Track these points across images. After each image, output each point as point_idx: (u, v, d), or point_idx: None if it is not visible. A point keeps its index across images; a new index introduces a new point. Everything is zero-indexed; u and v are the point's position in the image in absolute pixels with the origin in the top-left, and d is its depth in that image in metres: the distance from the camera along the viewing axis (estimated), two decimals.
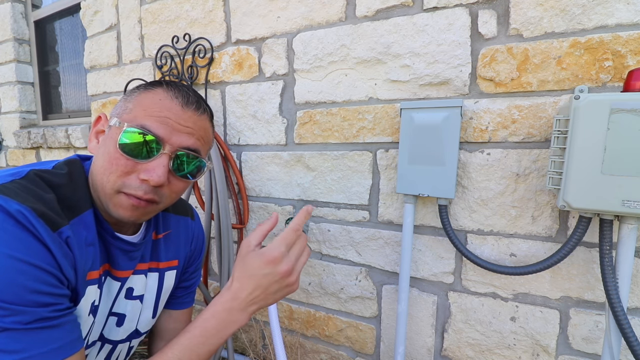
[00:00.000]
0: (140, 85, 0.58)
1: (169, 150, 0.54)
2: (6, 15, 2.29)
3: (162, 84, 0.57)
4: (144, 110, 0.53)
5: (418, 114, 0.90)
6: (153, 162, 0.53)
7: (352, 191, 1.10)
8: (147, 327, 0.72)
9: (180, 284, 0.78)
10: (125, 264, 0.63)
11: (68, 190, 0.53)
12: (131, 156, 0.52)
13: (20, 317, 0.43)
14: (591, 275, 0.84)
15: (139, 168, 0.53)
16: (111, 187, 0.53)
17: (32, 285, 0.44)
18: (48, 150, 2.20)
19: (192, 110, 0.56)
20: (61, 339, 0.47)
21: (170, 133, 0.53)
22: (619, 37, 0.76)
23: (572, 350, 0.88)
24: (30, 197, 0.47)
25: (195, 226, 0.80)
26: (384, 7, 0.98)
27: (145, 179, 0.52)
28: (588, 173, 0.70)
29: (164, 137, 0.53)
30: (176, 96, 0.55)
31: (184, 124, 0.55)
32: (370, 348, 1.15)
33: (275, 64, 1.17)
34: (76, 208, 0.53)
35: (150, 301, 0.70)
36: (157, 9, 1.40)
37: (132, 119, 0.53)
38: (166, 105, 0.54)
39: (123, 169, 0.52)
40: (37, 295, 0.44)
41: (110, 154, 0.53)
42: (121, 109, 0.56)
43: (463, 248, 0.92)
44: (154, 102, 0.54)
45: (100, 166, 0.54)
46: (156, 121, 0.53)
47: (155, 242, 0.70)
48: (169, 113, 0.54)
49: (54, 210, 0.48)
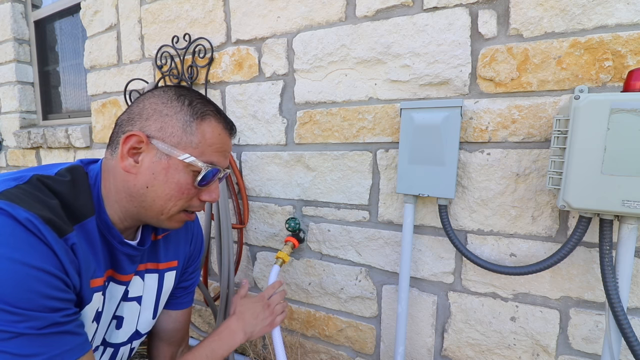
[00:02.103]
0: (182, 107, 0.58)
1: (222, 174, 0.63)
2: (6, 15, 2.29)
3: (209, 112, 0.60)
4: (210, 146, 0.59)
5: (418, 114, 0.90)
6: (212, 186, 0.62)
7: (352, 191, 1.10)
8: (147, 328, 0.72)
9: (180, 284, 0.78)
10: (128, 268, 0.64)
11: (71, 197, 0.54)
12: (200, 185, 0.59)
13: (34, 322, 0.44)
14: (591, 275, 0.84)
15: (201, 191, 0.61)
16: (177, 211, 0.60)
17: (45, 291, 0.45)
18: (48, 150, 2.20)
19: (233, 136, 0.66)
20: (71, 341, 0.49)
21: (225, 160, 0.63)
22: (619, 37, 0.76)
23: (572, 350, 0.88)
24: (36, 204, 0.47)
25: (195, 226, 0.80)
26: (384, 7, 0.98)
27: (209, 200, 0.62)
28: (588, 173, 0.70)
29: (223, 165, 0.62)
30: (226, 128, 0.62)
31: (229, 150, 0.65)
32: (370, 348, 1.15)
33: (275, 64, 1.17)
34: (79, 215, 0.54)
35: (150, 302, 0.71)
36: (157, 9, 1.40)
37: (200, 154, 0.58)
38: (224, 139, 0.62)
39: (192, 195, 0.60)
40: (49, 301, 0.45)
41: (181, 185, 0.58)
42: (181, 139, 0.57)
43: (463, 248, 0.92)
44: (215, 136, 0.60)
45: (166, 194, 0.57)
46: (220, 156, 0.61)
47: (154, 243, 0.70)
48: (226, 145, 0.63)
49: (60, 217, 0.49)
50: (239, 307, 0.84)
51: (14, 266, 0.43)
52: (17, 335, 0.43)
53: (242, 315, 0.82)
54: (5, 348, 0.42)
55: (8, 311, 0.42)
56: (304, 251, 1.22)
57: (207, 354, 0.72)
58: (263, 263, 1.32)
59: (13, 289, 0.42)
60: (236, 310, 0.84)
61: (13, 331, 0.43)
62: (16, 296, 0.42)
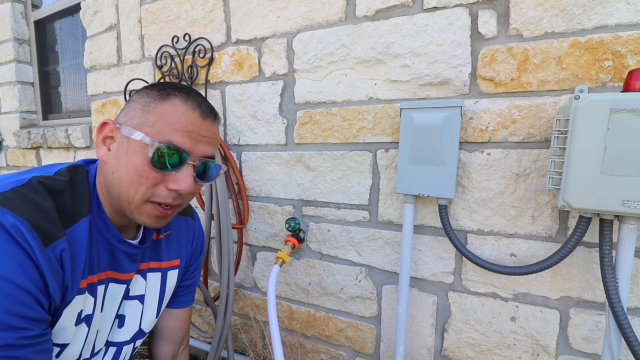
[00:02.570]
0: (151, 92, 0.58)
1: (193, 160, 0.57)
2: (6, 15, 2.29)
3: (175, 92, 0.58)
4: (169, 124, 0.55)
5: (418, 114, 0.90)
6: (181, 173, 0.56)
7: (352, 191, 1.10)
8: (150, 327, 0.73)
9: (182, 283, 0.79)
10: (128, 266, 0.64)
11: (68, 197, 0.54)
12: (160, 169, 0.54)
13: None
14: (591, 275, 0.84)
15: (167, 178, 0.56)
16: (140, 198, 0.55)
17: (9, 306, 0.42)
18: (48, 150, 2.20)
19: (210, 120, 0.60)
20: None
21: (194, 145, 0.57)
22: (619, 37, 0.76)
23: (572, 350, 0.88)
24: (28, 208, 0.47)
25: (196, 225, 0.81)
26: (384, 7, 0.98)
27: (176, 189, 0.56)
28: (588, 173, 0.70)
29: (190, 149, 0.56)
30: (194, 108, 0.57)
31: (204, 134, 0.58)
32: (370, 348, 1.15)
33: (275, 64, 1.17)
34: (74, 215, 0.54)
35: (153, 301, 0.71)
36: (157, 9, 1.40)
37: (156, 134, 0.54)
38: (189, 119, 0.56)
39: (153, 180, 0.55)
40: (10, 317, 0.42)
41: (137, 167, 0.54)
42: (140, 120, 0.55)
43: (463, 248, 0.92)
44: (176, 115, 0.56)
45: (126, 178, 0.55)
46: (183, 136, 0.55)
47: (156, 242, 0.71)
48: (192, 126, 0.57)
49: (51, 221, 0.49)
50: None
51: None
52: None
53: None
54: None
55: None
56: (304, 251, 1.22)
57: None
58: (263, 263, 1.32)
59: None
60: None
61: None
62: None
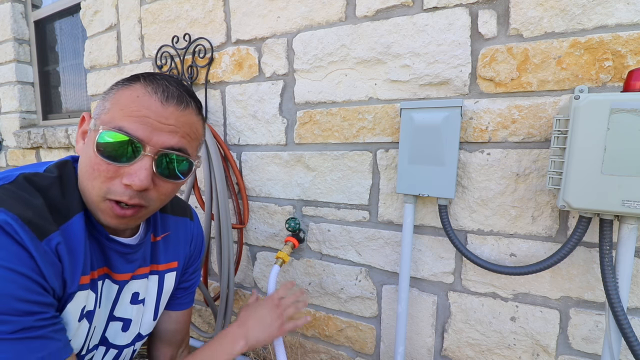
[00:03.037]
0: (119, 81, 0.54)
1: (151, 152, 0.50)
2: (6, 15, 2.29)
3: (139, 78, 0.53)
4: (121, 109, 0.50)
5: (418, 114, 0.90)
6: (135, 166, 0.50)
7: (352, 191, 1.10)
8: (149, 330, 0.72)
9: (180, 285, 0.78)
10: (122, 267, 0.62)
11: (57, 194, 0.51)
12: (112, 160, 0.49)
13: (4, 326, 0.42)
14: (591, 275, 0.84)
15: (122, 172, 0.50)
16: (97, 194, 0.51)
17: (18, 293, 0.43)
18: (48, 150, 2.20)
19: (173, 105, 0.52)
20: (46, 348, 0.46)
21: (151, 133, 0.50)
22: (619, 37, 0.76)
23: (572, 350, 0.88)
24: (18, 205, 0.45)
25: (195, 227, 0.79)
26: (384, 7, 0.98)
27: (128, 183, 0.49)
28: (588, 173, 0.70)
29: (144, 138, 0.49)
30: (155, 91, 0.51)
31: (165, 122, 0.51)
32: (370, 348, 1.15)
33: (275, 64, 1.17)
34: (66, 212, 0.51)
35: (151, 303, 0.70)
36: (157, 9, 1.40)
37: (109, 120, 0.50)
38: (144, 103, 0.50)
39: (105, 174, 0.50)
40: (22, 304, 0.43)
41: (90, 158, 0.50)
42: (100, 109, 0.53)
43: (463, 248, 0.92)
44: (131, 99, 0.50)
45: (85, 171, 0.51)
46: (135, 121, 0.49)
47: (153, 245, 0.69)
48: (148, 111, 0.50)
49: (43, 217, 0.47)
50: (242, 313, 0.81)
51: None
52: None
53: (244, 321, 0.77)
54: None
55: None
56: (304, 251, 1.22)
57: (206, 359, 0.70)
58: (263, 263, 1.32)
59: None
60: (239, 316, 0.80)
61: None
62: None
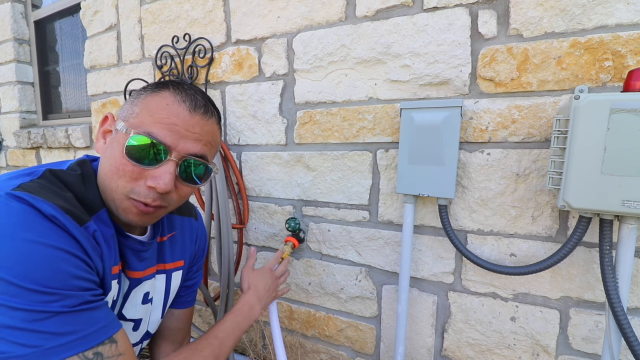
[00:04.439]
0: (147, 86, 0.57)
1: (176, 157, 0.53)
2: (6, 15, 2.29)
3: (169, 86, 0.56)
4: (151, 115, 0.53)
5: (418, 114, 0.90)
6: (160, 169, 0.53)
7: (352, 191, 1.10)
8: (156, 328, 0.74)
9: (184, 283, 0.79)
10: (135, 265, 0.64)
11: (83, 190, 0.54)
12: (138, 162, 0.52)
13: (67, 301, 0.45)
14: (591, 275, 0.84)
15: (147, 174, 0.53)
16: (121, 192, 0.54)
17: (74, 271, 0.46)
18: (48, 150, 2.20)
19: (200, 115, 0.55)
20: (105, 318, 0.50)
21: (178, 140, 0.53)
22: (619, 37, 0.76)
23: (572, 350, 0.88)
24: (53, 196, 0.48)
25: (199, 226, 0.81)
26: (384, 7, 0.98)
27: (152, 186, 0.52)
28: (588, 173, 0.70)
29: (171, 144, 0.53)
30: (184, 100, 0.54)
31: (191, 130, 0.54)
32: (370, 348, 1.15)
33: (275, 64, 1.17)
34: (93, 207, 0.54)
35: (159, 302, 0.72)
36: (157, 9, 1.40)
37: (138, 125, 0.53)
38: (174, 111, 0.53)
39: (130, 174, 0.53)
40: (78, 281, 0.47)
41: (116, 158, 0.53)
42: (128, 112, 0.55)
43: (463, 248, 0.92)
44: (161, 106, 0.53)
45: (109, 170, 0.54)
46: (163, 128, 0.52)
47: (160, 244, 0.71)
48: (177, 119, 0.53)
49: (77, 207, 0.50)
50: (252, 281, 0.86)
51: (42, 249, 0.44)
52: (53, 315, 0.43)
53: (257, 288, 0.85)
54: (42, 328, 0.43)
55: (41, 292, 0.43)
56: (304, 251, 1.22)
57: (233, 327, 0.74)
58: (263, 263, 1.32)
59: (44, 270, 0.43)
60: (250, 284, 0.86)
61: (48, 310, 0.43)
62: (48, 276, 0.43)
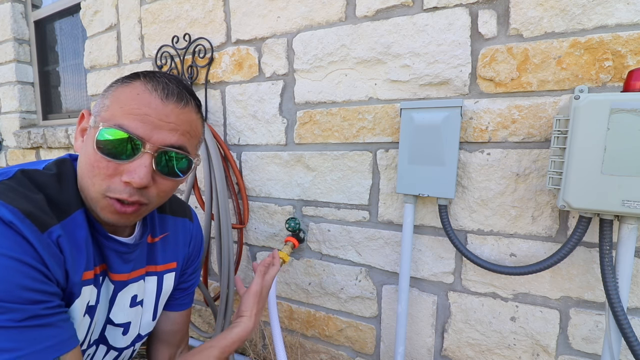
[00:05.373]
0: (118, 79, 0.55)
1: (151, 149, 0.50)
2: (6, 15, 2.29)
3: (140, 76, 0.53)
4: (121, 107, 0.50)
5: (418, 114, 0.90)
6: (134, 163, 0.50)
7: (352, 191, 1.10)
8: (148, 330, 0.72)
9: (179, 286, 0.77)
10: (119, 267, 0.61)
11: (56, 190, 0.51)
12: (111, 157, 0.49)
13: (12, 314, 0.42)
14: (591, 275, 0.84)
15: (122, 169, 0.50)
16: (97, 191, 0.51)
17: (24, 282, 0.43)
18: (48, 150, 2.20)
19: (173, 103, 0.52)
20: (55, 336, 0.46)
21: (151, 131, 0.50)
22: (619, 37, 0.76)
23: (572, 350, 0.88)
24: (17, 198, 0.46)
25: (194, 227, 0.79)
26: (384, 7, 0.98)
27: (128, 181, 0.50)
28: (588, 173, 0.70)
29: (144, 135, 0.50)
30: (155, 89, 0.51)
31: (165, 119, 0.51)
32: (370, 348, 1.15)
33: (275, 64, 1.17)
34: (66, 208, 0.51)
35: (150, 304, 0.70)
36: (157, 9, 1.40)
37: (109, 118, 0.50)
38: (144, 100, 0.50)
39: (105, 171, 0.50)
40: (28, 293, 0.43)
41: (90, 155, 0.50)
42: (100, 106, 0.53)
43: (463, 248, 0.92)
44: (131, 97, 0.50)
45: (84, 168, 0.52)
46: (135, 119, 0.49)
47: (151, 246, 0.69)
48: (148, 109, 0.50)
49: (43, 210, 0.47)
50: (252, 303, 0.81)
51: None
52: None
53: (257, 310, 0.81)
54: None
55: None
56: (304, 251, 1.22)
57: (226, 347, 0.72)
58: None
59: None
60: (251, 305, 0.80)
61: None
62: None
